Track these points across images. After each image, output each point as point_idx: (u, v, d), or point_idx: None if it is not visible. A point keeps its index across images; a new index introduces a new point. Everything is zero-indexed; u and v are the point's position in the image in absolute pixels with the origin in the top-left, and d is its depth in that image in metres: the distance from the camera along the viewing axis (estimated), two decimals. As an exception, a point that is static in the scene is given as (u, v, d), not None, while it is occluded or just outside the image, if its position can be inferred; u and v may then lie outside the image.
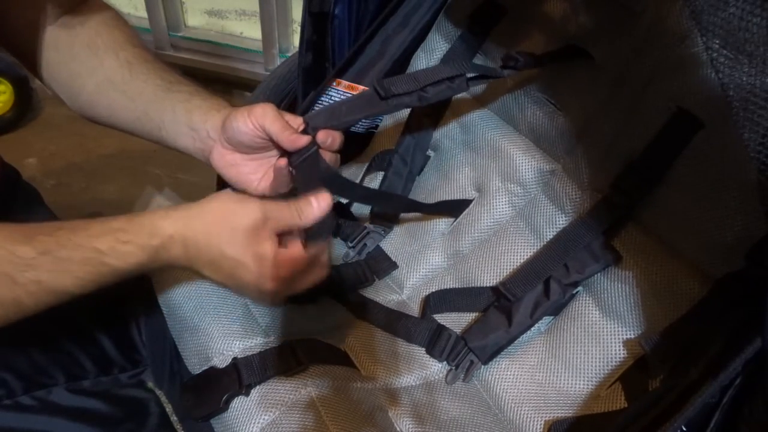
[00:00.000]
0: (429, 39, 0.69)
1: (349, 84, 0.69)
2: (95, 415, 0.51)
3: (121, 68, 0.55)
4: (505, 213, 0.61)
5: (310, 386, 0.49)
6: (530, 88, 0.61)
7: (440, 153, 0.68)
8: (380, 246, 0.67)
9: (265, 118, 0.50)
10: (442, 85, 0.53)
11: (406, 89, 0.52)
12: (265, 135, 0.50)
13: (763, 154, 0.28)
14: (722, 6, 0.27)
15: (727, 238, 0.44)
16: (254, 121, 0.50)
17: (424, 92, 0.53)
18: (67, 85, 0.57)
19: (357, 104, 0.53)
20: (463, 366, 0.55)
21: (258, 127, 0.50)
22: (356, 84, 0.69)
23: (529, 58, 0.55)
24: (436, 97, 0.54)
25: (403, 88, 0.52)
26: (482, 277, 0.59)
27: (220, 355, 0.52)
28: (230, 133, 0.51)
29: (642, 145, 0.50)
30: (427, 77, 0.53)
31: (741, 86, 0.27)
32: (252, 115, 0.50)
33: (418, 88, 0.53)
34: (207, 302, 0.54)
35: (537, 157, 0.60)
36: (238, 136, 0.51)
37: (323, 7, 0.68)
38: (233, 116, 0.51)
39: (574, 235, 0.53)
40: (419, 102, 0.53)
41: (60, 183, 1.30)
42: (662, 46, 0.48)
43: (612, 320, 0.50)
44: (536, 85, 0.60)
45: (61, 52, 0.55)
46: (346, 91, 0.69)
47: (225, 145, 0.53)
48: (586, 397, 0.49)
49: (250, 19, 1.53)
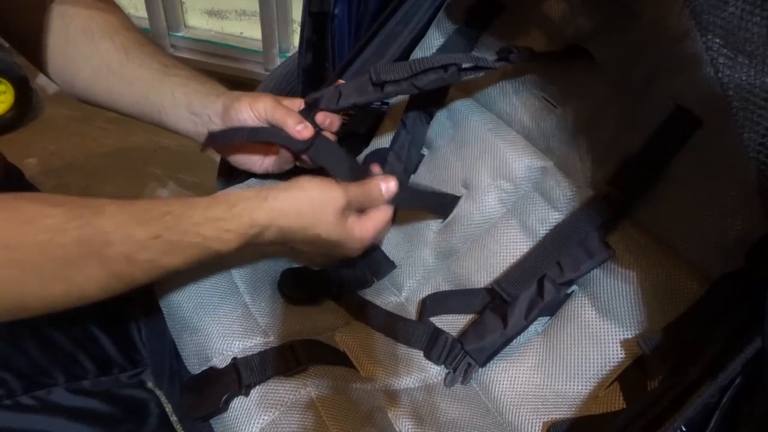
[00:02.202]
0: (427, 36, 0.68)
1: None
2: (95, 415, 0.51)
3: (117, 52, 0.55)
4: (495, 210, 0.60)
5: (310, 386, 0.49)
6: (527, 85, 0.60)
7: (434, 150, 0.68)
8: (380, 246, 0.67)
9: (269, 109, 0.54)
10: (435, 73, 0.54)
11: (399, 76, 0.54)
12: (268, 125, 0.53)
13: (762, 153, 0.28)
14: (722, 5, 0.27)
15: (726, 237, 0.44)
16: (259, 111, 0.53)
17: (416, 80, 0.54)
18: (63, 70, 0.57)
19: (352, 89, 0.56)
20: (461, 369, 0.54)
21: (262, 116, 0.54)
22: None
23: (525, 52, 0.55)
24: (428, 86, 0.55)
25: (395, 75, 0.54)
26: (476, 276, 0.59)
27: (220, 355, 0.52)
28: (235, 121, 0.53)
29: (640, 142, 0.50)
30: (420, 65, 0.54)
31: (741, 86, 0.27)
32: (255, 105, 0.53)
33: (410, 75, 0.54)
34: (207, 302, 0.54)
35: (529, 153, 0.59)
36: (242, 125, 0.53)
37: (323, 6, 0.68)
38: (236, 107, 0.53)
39: (568, 232, 0.53)
40: (411, 90, 0.55)
41: (60, 183, 1.30)
42: (662, 45, 0.48)
43: (609, 320, 0.50)
44: (533, 82, 0.60)
45: (56, 37, 0.55)
46: None
47: None
48: (584, 398, 0.49)
49: (250, 19, 1.54)
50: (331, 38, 0.70)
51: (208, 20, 1.59)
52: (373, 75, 0.54)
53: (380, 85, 0.54)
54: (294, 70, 0.77)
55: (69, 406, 0.50)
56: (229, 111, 0.54)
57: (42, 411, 0.49)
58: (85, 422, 0.50)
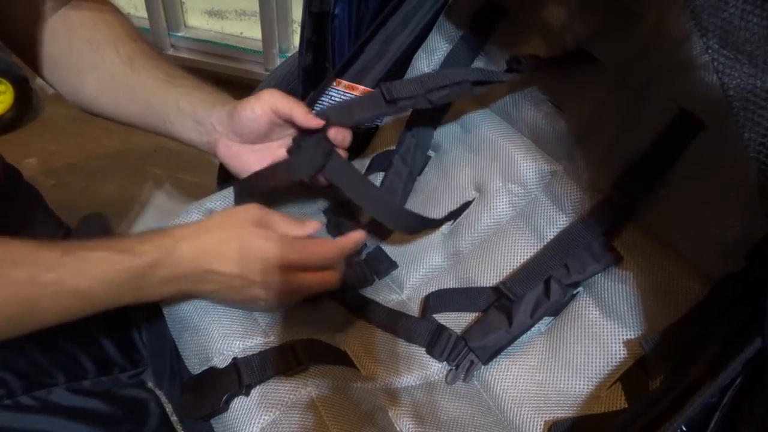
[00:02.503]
0: (430, 39, 0.69)
1: (349, 84, 0.69)
2: (95, 415, 0.51)
3: (122, 63, 0.55)
4: (506, 213, 0.61)
5: (311, 386, 0.49)
6: (532, 89, 0.61)
7: (441, 153, 0.68)
8: (380, 246, 0.67)
9: (273, 100, 0.53)
10: (447, 89, 0.54)
11: (411, 93, 0.54)
12: (276, 117, 0.52)
13: (763, 154, 0.28)
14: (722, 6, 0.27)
15: (728, 238, 0.44)
16: (263, 105, 0.53)
17: (428, 96, 0.54)
18: (68, 80, 0.57)
19: (365, 104, 0.56)
20: (464, 366, 0.55)
21: (268, 110, 0.53)
22: (356, 84, 0.69)
23: (532, 60, 0.56)
24: (440, 101, 0.55)
25: (408, 92, 0.54)
26: (482, 277, 0.59)
27: (220, 355, 0.52)
28: (239, 123, 0.53)
29: (644, 146, 0.50)
30: (433, 82, 0.54)
31: (741, 86, 0.27)
32: (260, 100, 0.53)
33: (422, 93, 0.54)
34: (207, 302, 0.54)
35: (538, 158, 0.60)
36: (248, 124, 0.53)
37: (323, 7, 0.68)
38: (241, 107, 0.53)
39: (575, 235, 0.53)
40: (425, 104, 0.55)
41: (60, 183, 1.30)
42: (663, 46, 0.48)
43: (612, 320, 0.50)
44: (538, 85, 0.60)
45: (61, 47, 0.55)
46: (346, 91, 0.69)
47: (231, 137, 0.54)
48: (586, 398, 0.49)
49: (250, 19, 1.53)
50: (331, 38, 0.70)
51: (208, 20, 1.59)
52: (385, 93, 0.54)
53: (393, 101, 0.55)
54: (294, 70, 0.77)
55: (69, 406, 0.50)
56: (232, 115, 0.54)
57: (42, 411, 0.49)
58: (86, 422, 0.50)
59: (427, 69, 0.69)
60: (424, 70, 0.69)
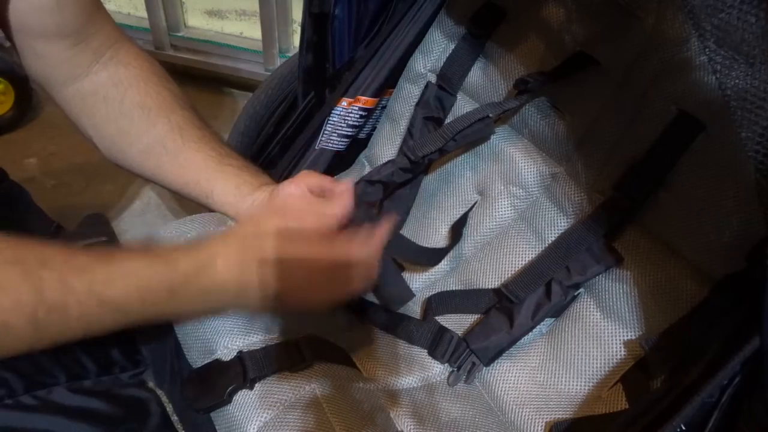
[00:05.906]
0: (427, 39, 0.68)
1: (350, 101, 0.70)
2: (96, 415, 0.51)
3: (172, 132, 0.56)
4: (507, 216, 0.61)
5: (314, 383, 0.49)
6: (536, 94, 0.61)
7: (442, 157, 0.68)
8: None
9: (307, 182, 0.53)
10: (470, 129, 0.57)
11: (434, 147, 0.57)
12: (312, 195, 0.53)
13: (761, 153, 0.28)
14: (720, 7, 0.27)
15: (727, 239, 0.44)
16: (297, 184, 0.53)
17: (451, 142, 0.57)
18: (112, 140, 0.57)
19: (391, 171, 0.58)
20: (465, 368, 0.55)
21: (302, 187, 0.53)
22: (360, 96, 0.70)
23: (539, 77, 0.56)
24: (462, 141, 0.58)
25: (431, 147, 0.57)
26: (484, 279, 0.59)
27: (224, 348, 0.52)
28: (278, 200, 0.53)
29: (644, 148, 0.50)
30: (451, 131, 0.57)
31: (738, 86, 0.28)
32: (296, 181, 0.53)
33: (444, 143, 0.57)
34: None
35: (539, 160, 0.60)
36: (288, 200, 0.53)
37: (323, 7, 0.68)
38: (280, 186, 0.54)
39: (576, 237, 0.53)
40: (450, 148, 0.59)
41: (60, 183, 1.30)
42: (664, 49, 0.48)
43: (613, 321, 0.50)
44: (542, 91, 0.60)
45: (111, 106, 0.55)
46: (349, 107, 0.70)
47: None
48: (587, 399, 0.49)
49: (250, 19, 1.53)
50: (331, 39, 0.70)
51: (208, 20, 1.59)
52: (410, 154, 0.57)
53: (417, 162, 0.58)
54: (295, 71, 0.78)
55: (70, 406, 0.50)
56: (272, 193, 0.54)
57: (43, 410, 0.49)
58: (86, 422, 0.50)
59: (424, 70, 0.69)
60: (421, 71, 0.69)
